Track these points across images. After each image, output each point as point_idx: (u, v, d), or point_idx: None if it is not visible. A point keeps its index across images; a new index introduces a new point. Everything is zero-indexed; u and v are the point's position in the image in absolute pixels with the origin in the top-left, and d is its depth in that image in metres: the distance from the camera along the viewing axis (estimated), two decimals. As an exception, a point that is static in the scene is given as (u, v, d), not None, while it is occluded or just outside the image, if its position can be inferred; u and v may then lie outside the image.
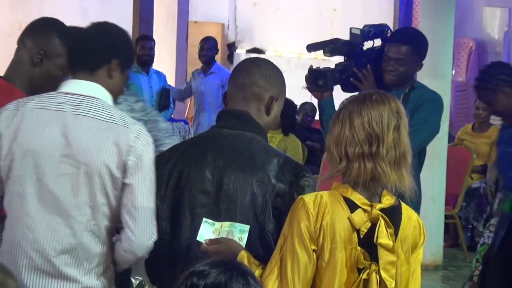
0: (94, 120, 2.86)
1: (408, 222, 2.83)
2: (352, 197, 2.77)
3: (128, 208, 2.85)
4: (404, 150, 2.79)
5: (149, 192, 2.88)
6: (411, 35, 4.48)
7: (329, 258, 2.73)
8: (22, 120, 2.89)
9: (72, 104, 2.89)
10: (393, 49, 4.38)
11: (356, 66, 4.41)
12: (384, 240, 2.74)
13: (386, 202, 2.79)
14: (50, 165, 2.84)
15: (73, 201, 2.83)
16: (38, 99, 2.95)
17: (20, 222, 2.85)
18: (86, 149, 2.83)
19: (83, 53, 2.97)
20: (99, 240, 2.87)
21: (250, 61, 3.18)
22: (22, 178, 2.85)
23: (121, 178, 2.84)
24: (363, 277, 2.73)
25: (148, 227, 2.87)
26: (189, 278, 2.24)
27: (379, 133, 2.76)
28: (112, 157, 2.83)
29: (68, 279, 2.84)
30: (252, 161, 2.94)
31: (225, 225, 2.88)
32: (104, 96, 2.94)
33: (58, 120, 2.87)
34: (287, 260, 2.72)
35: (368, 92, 2.89)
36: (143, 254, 2.88)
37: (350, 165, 2.76)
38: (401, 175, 2.79)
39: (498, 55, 11.82)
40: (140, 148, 2.86)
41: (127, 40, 3.07)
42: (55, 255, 2.83)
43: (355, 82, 4.42)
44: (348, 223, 2.74)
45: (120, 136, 2.85)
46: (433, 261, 7.85)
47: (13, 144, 2.87)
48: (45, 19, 3.47)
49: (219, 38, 12.92)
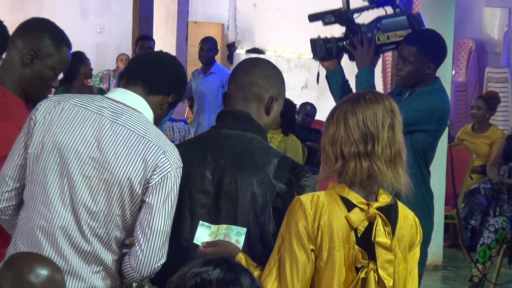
0: (129, 131, 2.86)
1: (404, 221, 2.84)
2: (349, 196, 2.77)
3: (143, 227, 2.83)
4: (399, 148, 2.80)
5: (167, 215, 2.85)
6: (419, 36, 4.44)
7: (327, 257, 2.73)
8: (60, 113, 2.90)
9: (112, 111, 2.89)
10: (401, 49, 4.39)
11: (350, 32, 4.44)
12: (382, 238, 2.74)
13: (382, 200, 2.80)
14: (76, 164, 2.84)
15: (89, 205, 2.83)
16: (82, 97, 2.96)
17: (38, 212, 2.86)
18: (114, 157, 2.83)
19: (153, 74, 3.00)
20: (108, 249, 2.87)
21: (250, 61, 3.18)
22: (47, 169, 2.86)
23: (141, 194, 2.83)
24: (361, 276, 2.74)
25: (159, 250, 2.85)
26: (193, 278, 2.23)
27: (374, 132, 2.77)
28: (136, 172, 2.82)
29: (77, 277, 2.85)
30: (252, 162, 2.94)
31: (222, 228, 2.88)
32: (147, 113, 2.95)
33: (95, 122, 2.87)
34: (285, 261, 2.72)
35: (362, 91, 2.90)
36: (148, 274, 2.87)
37: (346, 165, 2.77)
38: (397, 173, 2.80)
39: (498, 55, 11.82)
40: (167, 170, 2.84)
41: (185, 79, 3.15)
42: (67, 251, 2.84)
43: (349, 47, 4.44)
44: (346, 222, 2.75)
45: (150, 153, 2.84)
46: (433, 261, 7.85)
47: (45, 134, 2.88)
48: (35, 20, 3.46)
49: (219, 38, 12.92)
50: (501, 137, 9.04)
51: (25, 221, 2.90)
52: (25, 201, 2.93)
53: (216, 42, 9.86)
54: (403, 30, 4.39)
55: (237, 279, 2.20)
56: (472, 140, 9.10)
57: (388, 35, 4.43)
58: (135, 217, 2.86)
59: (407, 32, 4.39)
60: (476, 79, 11.97)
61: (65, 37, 3.39)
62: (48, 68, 3.33)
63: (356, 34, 4.42)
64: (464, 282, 7.21)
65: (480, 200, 8.48)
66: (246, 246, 2.88)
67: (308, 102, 10.14)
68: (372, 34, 4.42)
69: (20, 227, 2.93)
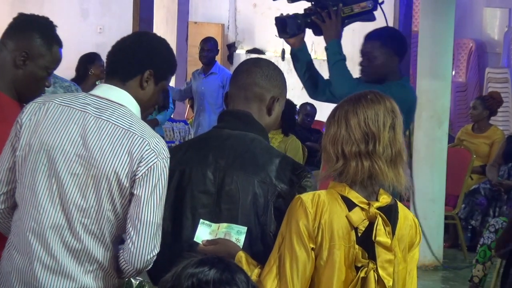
0: (114, 126, 2.85)
1: (404, 221, 2.85)
2: (349, 195, 2.78)
3: (133, 219, 2.83)
4: (400, 149, 2.81)
5: (157, 206, 2.83)
6: (380, 32, 4.64)
7: (327, 256, 2.74)
8: (45, 114, 2.90)
9: (96, 107, 2.89)
10: (363, 46, 4.58)
11: (319, 7, 4.60)
12: (382, 238, 2.75)
13: (383, 200, 2.80)
14: (63, 163, 2.84)
15: (79, 202, 2.83)
16: (66, 96, 2.96)
17: (29, 214, 2.86)
18: (100, 153, 2.82)
19: (118, 61, 2.97)
20: (102, 245, 2.87)
21: (251, 62, 3.18)
22: (35, 171, 2.86)
23: (129, 187, 2.82)
24: (361, 275, 2.74)
25: (151, 241, 2.83)
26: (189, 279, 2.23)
27: (375, 131, 2.77)
28: (123, 166, 2.81)
29: (68, 277, 2.84)
30: (253, 162, 2.94)
31: (222, 227, 2.88)
32: (131, 105, 2.93)
33: (79, 120, 2.87)
34: (285, 259, 2.73)
35: (363, 92, 2.90)
36: (142, 266, 2.86)
37: (347, 164, 2.78)
38: (398, 173, 2.80)
39: (498, 56, 11.83)
40: (152, 161, 2.82)
41: (164, 51, 3.03)
42: (58, 251, 2.83)
43: (317, 20, 4.59)
44: (346, 221, 2.75)
45: (135, 146, 2.83)
46: (433, 261, 7.85)
47: (32, 136, 2.88)
48: (25, 19, 3.44)
49: (219, 38, 12.92)
50: (501, 137, 9.04)
51: (18, 223, 2.91)
52: (17, 204, 2.94)
53: (217, 43, 9.86)
54: (365, 2, 4.60)
55: (234, 279, 2.19)
56: (472, 141, 9.11)
57: (352, 7, 4.62)
58: (127, 212, 2.86)
59: (369, 3, 4.59)
60: (476, 79, 11.98)
61: (55, 35, 3.38)
62: (41, 69, 3.33)
63: (325, 8, 4.57)
64: (464, 282, 7.21)
65: (480, 200, 8.48)
66: (247, 246, 2.88)
67: (308, 102, 10.13)
68: (337, 7, 4.59)
69: (13, 230, 2.93)
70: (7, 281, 2.88)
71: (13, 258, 2.88)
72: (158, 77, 2.98)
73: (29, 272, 2.84)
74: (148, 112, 3.07)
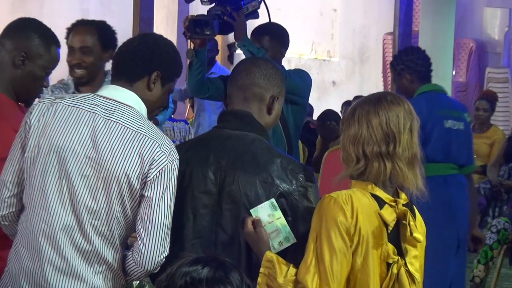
0: (123, 128, 2.85)
1: (420, 219, 2.91)
2: (377, 193, 2.82)
3: (144, 221, 2.83)
4: (416, 151, 2.86)
5: (167, 208, 2.84)
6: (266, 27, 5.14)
7: (365, 255, 2.77)
8: (53, 115, 2.89)
9: (105, 108, 2.88)
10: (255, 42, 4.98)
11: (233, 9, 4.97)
12: (417, 234, 2.81)
13: (404, 198, 2.86)
14: (74, 164, 2.84)
15: (89, 204, 2.83)
16: (74, 97, 2.96)
17: (39, 215, 2.86)
18: (110, 155, 2.82)
19: (126, 62, 2.97)
20: (112, 246, 2.87)
21: (249, 61, 3.19)
22: (45, 173, 2.86)
23: (139, 189, 2.83)
24: (394, 271, 2.78)
25: (161, 242, 2.84)
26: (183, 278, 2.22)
27: (396, 133, 2.82)
28: (133, 167, 2.82)
29: (78, 278, 2.85)
30: (255, 162, 2.94)
31: (282, 221, 2.86)
32: (138, 106, 2.93)
33: (89, 121, 2.86)
34: (324, 256, 2.73)
35: (382, 93, 2.95)
36: (152, 268, 2.86)
37: (369, 164, 2.81)
38: (416, 175, 2.85)
39: (498, 56, 11.84)
40: (163, 163, 2.83)
41: (171, 53, 3.05)
42: (69, 252, 2.83)
43: (230, 20, 4.96)
44: (378, 219, 2.79)
45: (146, 148, 2.83)
46: (433, 261, 7.83)
47: (41, 138, 2.88)
48: (23, 20, 3.46)
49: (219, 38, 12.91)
50: (501, 137, 9.03)
51: (25, 224, 2.90)
52: (25, 205, 2.93)
53: (217, 42, 9.86)
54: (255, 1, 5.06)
55: (227, 277, 2.19)
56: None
57: (248, 7, 5.07)
58: (136, 213, 2.86)
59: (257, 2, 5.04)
60: (476, 79, 11.99)
61: (54, 35, 3.40)
62: (39, 69, 3.34)
63: (238, 10, 4.98)
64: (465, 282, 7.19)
65: (479, 200, 8.47)
66: (247, 246, 2.88)
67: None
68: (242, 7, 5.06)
69: (20, 231, 2.93)
70: (16, 283, 2.88)
71: (21, 260, 2.88)
72: (165, 78, 3.00)
73: (39, 273, 2.84)
74: (154, 114, 3.07)
